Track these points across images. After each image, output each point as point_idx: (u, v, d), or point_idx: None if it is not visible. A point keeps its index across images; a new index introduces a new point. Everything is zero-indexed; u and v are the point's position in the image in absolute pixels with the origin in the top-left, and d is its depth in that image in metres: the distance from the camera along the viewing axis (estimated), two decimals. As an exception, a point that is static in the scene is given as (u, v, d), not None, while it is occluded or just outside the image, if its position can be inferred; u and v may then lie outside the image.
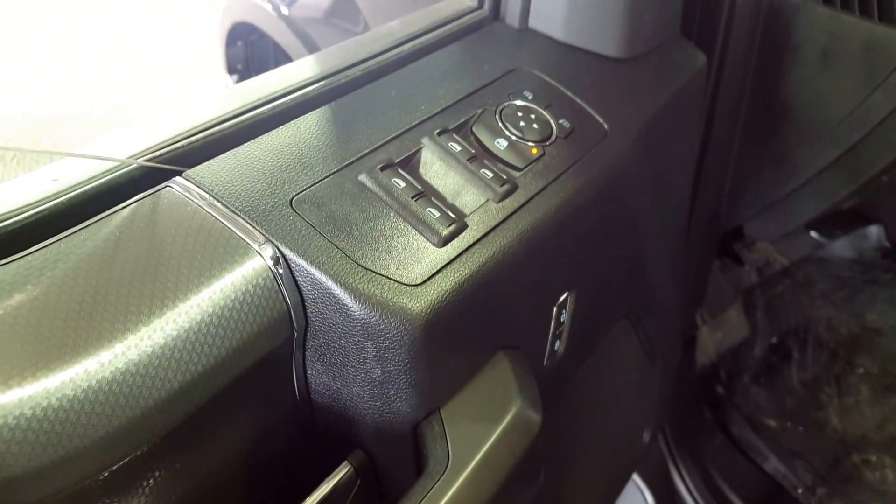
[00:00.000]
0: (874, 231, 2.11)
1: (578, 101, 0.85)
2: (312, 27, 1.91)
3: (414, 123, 0.77)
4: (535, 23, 0.95)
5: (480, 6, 0.96)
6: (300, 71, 0.83)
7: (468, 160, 0.74)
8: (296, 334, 0.64)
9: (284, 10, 1.99)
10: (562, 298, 0.80)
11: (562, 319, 0.82)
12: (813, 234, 2.08)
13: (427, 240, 0.68)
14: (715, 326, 1.81)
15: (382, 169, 0.72)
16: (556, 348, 0.82)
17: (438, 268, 0.66)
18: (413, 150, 0.75)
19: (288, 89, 0.80)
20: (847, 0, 1.11)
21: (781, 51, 1.21)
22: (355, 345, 0.64)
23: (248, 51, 2.35)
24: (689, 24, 1.16)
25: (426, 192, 0.71)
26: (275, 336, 0.62)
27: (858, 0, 1.11)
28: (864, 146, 1.19)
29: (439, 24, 0.94)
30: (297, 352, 0.65)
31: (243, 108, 0.76)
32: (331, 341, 0.65)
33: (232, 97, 0.77)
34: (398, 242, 0.67)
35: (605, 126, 0.84)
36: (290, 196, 0.67)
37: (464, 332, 0.68)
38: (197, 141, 0.72)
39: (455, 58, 0.90)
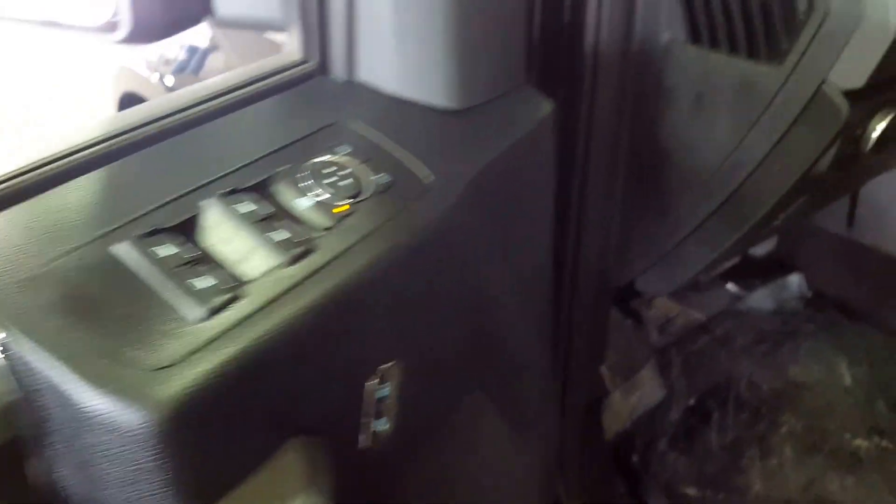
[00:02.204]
0: (794, 280, 2.05)
1: (402, 154, 0.77)
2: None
3: (199, 184, 0.68)
4: (363, 75, 0.87)
5: (307, 59, 0.88)
6: (78, 133, 0.74)
7: (259, 221, 0.65)
8: (26, 434, 0.53)
9: (169, 81, 1.91)
10: (380, 371, 0.71)
11: (383, 395, 0.72)
12: (730, 286, 2.01)
13: (188, 314, 0.58)
14: (627, 389, 1.72)
15: (147, 236, 0.62)
16: (378, 428, 0.72)
17: (199, 345, 0.56)
18: (191, 214, 0.66)
19: (56, 155, 0.71)
20: (715, 38, 1.05)
21: (655, 95, 1.14)
22: (97, 441, 0.53)
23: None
24: (548, 70, 1.10)
25: (199, 260, 0.62)
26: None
27: (727, 38, 1.05)
28: (745, 191, 1.12)
29: (258, 78, 0.86)
30: (33, 453, 0.54)
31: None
32: (69, 439, 0.54)
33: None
34: (151, 320, 0.57)
35: (430, 179, 0.75)
36: (23, 275, 0.57)
37: (236, 418, 0.58)
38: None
39: (267, 113, 0.82)
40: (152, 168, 0.70)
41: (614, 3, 1.06)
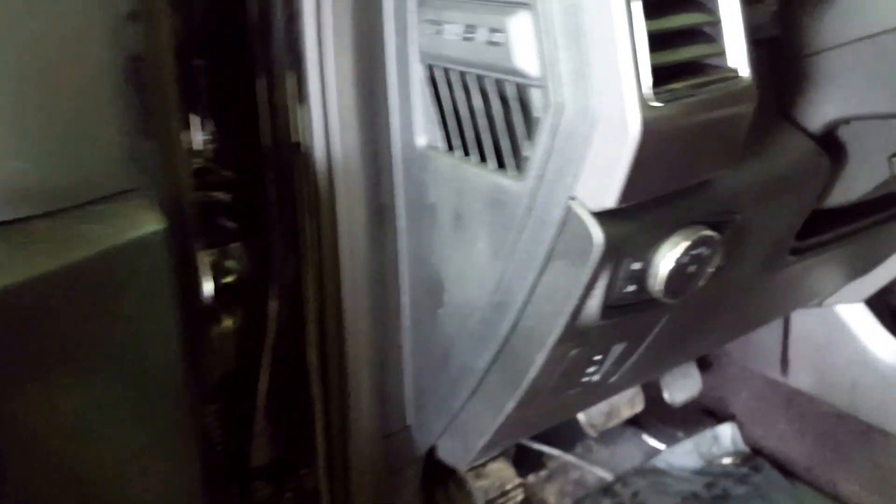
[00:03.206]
0: (726, 432, 1.74)
1: None
2: None
3: None
4: None
5: None
6: None
7: None
8: None
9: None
10: None
11: None
12: (646, 437, 1.71)
13: None
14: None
15: None
16: None
17: None
18: None
19: None
20: (467, 146, 0.82)
21: (421, 213, 0.90)
22: None
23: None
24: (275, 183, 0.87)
25: None
26: None
27: (475, 143, 0.81)
28: (516, 338, 0.86)
29: None
30: None
31: None
32: None
33: None
34: None
35: None
36: None
37: None
38: None
39: None
40: None
41: (345, 111, 0.85)
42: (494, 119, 0.78)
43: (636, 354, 0.98)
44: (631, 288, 0.78)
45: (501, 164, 0.79)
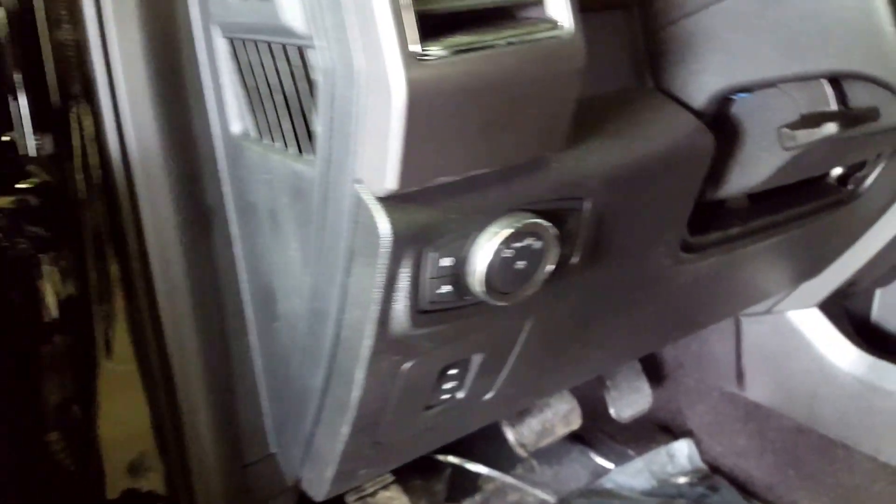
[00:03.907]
0: (682, 448, 1.60)
1: None
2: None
3: None
4: None
5: None
6: None
7: None
8: None
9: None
10: None
11: None
12: (593, 455, 1.58)
13: None
14: None
15: None
16: None
17: None
18: None
19: None
20: (272, 130, 0.71)
21: (246, 214, 0.80)
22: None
23: None
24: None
25: None
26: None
27: (278, 124, 0.70)
28: (340, 355, 0.75)
29: None
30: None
31: None
32: None
33: None
34: None
35: None
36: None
37: None
38: None
39: None
40: None
41: (138, 105, 0.74)
42: (286, 94, 0.66)
43: (507, 367, 0.86)
44: (446, 288, 0.66)
45: (300, 147, 0.68)
